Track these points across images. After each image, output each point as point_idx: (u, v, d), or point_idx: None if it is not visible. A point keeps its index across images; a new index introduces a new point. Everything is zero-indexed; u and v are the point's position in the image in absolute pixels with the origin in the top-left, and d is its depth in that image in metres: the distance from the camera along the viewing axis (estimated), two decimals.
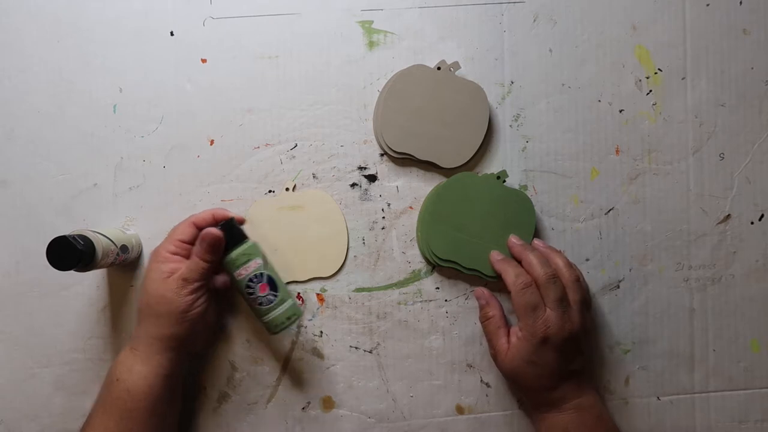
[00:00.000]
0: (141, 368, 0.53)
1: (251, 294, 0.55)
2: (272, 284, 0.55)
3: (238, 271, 0.55)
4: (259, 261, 0.55)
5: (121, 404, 0.52)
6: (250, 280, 0.55)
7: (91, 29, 0.60)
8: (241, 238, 0.56)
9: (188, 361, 0.59)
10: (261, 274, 0.55)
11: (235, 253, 0.55)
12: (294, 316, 0.56)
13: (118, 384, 0.53)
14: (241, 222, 0.58)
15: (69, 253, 0.49)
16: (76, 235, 0.50)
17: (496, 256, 0.59)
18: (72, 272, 0.51)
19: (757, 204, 0.64)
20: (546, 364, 0.54)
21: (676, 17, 0.63)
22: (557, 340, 0.54)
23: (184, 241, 0.55)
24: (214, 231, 0.54)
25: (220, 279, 0.59)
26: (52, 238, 0.49)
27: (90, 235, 0.51)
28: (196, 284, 0.53)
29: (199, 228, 0.56)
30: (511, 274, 0.56)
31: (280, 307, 0.55)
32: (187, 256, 0.55)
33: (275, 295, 0.55)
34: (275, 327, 0.55)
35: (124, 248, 0.56)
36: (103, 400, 0.53)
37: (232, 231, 0.55)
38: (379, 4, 0.61)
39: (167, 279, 0.53)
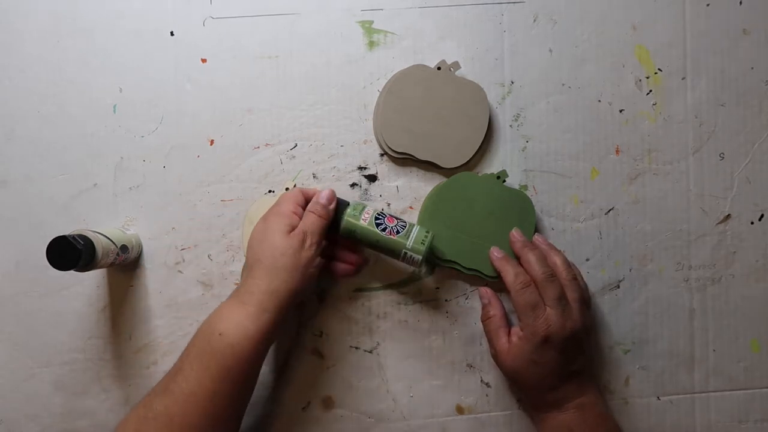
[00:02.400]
0: (249, 325, 0.51)
1: (384, 229, 0.56)
2: (394, 216, 0.57)
3: (362, 217, 0.56)
4: (371, 207, 0.57)
5: (221, 360, 0.50)
6: (377, 217, 0.56)
7: (91, 29, 0.60)
8: (345, 202, 0.57)
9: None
10: (381, 210, 0.58)
11: (349, 208, 0.56)
12: (429, 233, 0.56)
13: (221, 338, 0.50)
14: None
15: (69, 252, 0.49)
16: (76, 235, 0.50)
17: (496, 253, 0.59)
18: (72, 272, 0.51)
19: (757, 204, 0.64)
20: (547, 363, 0.54)
21: (676, 17, 0.63)
22: (558, 339, 0.54)
23: (300, 204, 0.56)
24: (330, 190, 0.57)
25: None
26: (52, 238, 0.49)
27: (90, 235, 0.51)
28: (317, 239, 0.54)
29: (307, 197, 0.57)
30: (510, 273, 0.56)
31: (413, 231, 0.56)
32: (298, 216, 0.56)
33: (404, 222, 0.57)
34: (417, 251, 0.55)
35: (124, 248, 0.56)
36: (200, 352, 0.50)
37: (336, 200, 0.57)
38: (379, 4, 0.61)
39: (289, 233, 0.53)
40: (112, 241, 0.54)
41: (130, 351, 0.60)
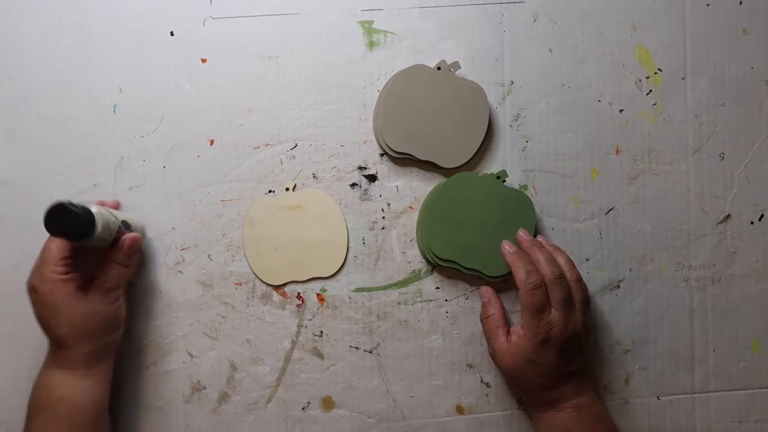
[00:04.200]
0: (84, 383, 0.53)
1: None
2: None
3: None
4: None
5: (69, 421, 0.52)
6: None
7: (91, 29, 0.60)
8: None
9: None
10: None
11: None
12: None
13: (63, 403, 0.52)
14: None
15: (68, 218, 0.47)
16: (73, 203, 0.49)
17: (508, 247, 0.58)
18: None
19: (757, 204, 0.64)
20: (546, 363, 0.54)
21: (676, 17, 0.63)
22: (559, 341, 0.54)
23: (67, 257, 0.53)
24: (134, 235, 0.55)
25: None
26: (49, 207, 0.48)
27: (87, 205, 0.50)
28: (121, 290, 0.54)
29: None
30: (521, 270, 0.55)
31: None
32: (72, 272, 0.53)
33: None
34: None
35: (125, 224, 0.55)
36: (44, 423, 0.52)
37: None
38: (379, 4, 0.61)
39: (88, 294, 0.53)
40: (112, 213, 0.54)
41: (130, 351, 0.60)
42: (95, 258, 0.54)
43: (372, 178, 0.62)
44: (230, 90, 0.61)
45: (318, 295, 0.62)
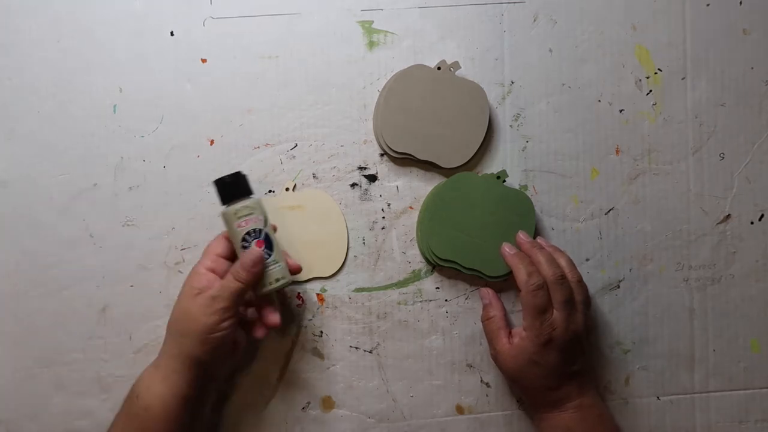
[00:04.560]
0: (159, 387, 0.51)
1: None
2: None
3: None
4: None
5: (138, 422, 0.51)
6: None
7: (91, 29, 0.60)
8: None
9: (212, 387, 0.57)
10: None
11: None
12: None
13: (138, 401, 0.52)
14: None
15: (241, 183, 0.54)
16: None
17: (508, 249, 0.58)
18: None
19: (757, 204, 0.64)
20: (548, 364, 0.54)
21: (676, 17, 0.63)
22: (561, 341, 0.54)
23: (220, 255, 0.54)
24: (256, 250, 0.52)
25: (251, 311, 0.57)
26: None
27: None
28: (225, 304, 0.50)
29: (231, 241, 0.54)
30: (523, 272, 0.55)
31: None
32: (224, 273, 0.53)
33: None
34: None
35: (266, 236, 0.54)
36: (123, 414, 0.53)
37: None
38: (379, 4, 0.61)
39: (197, 296, 0.51)
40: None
41: (130, 351, 0.60)
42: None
43: (372, 178, 0.62)
44: (230, 90, 0.61)
45: (318, 295, 0.62)
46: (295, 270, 0.56)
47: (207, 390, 0.55)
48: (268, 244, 0.54)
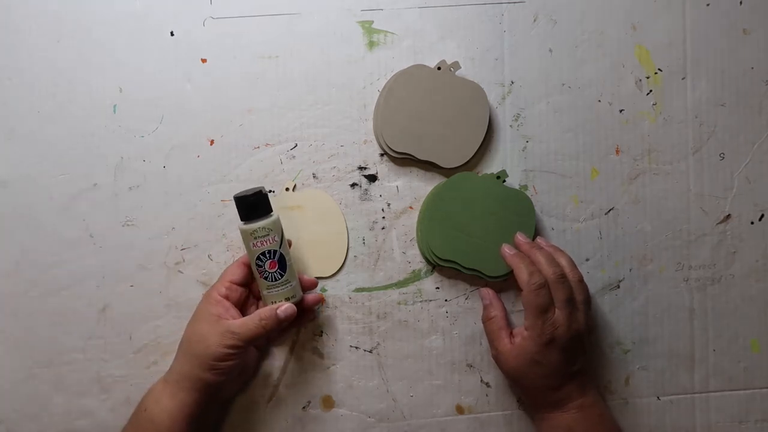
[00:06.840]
0: (167, 402, 0.52)
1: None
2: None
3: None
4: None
5: None
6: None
7: (91, 29, 0.60)
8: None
9: (219, 408, 0.59)
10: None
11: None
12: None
13: (145, 414, 0.53)
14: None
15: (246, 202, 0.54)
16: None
17: (508, 250, 0.58)
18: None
19: (757, 204, 0.64)
20: (550, 363, 0.54)
21: (676, 17, 0.63)
22: (563, 341, 0.54)
23: (235, 282, 0.55)
24: (292, 310, 0.54)
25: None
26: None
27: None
28: (241, 343, 0.52)
29: (249, 266, 0.56)
30: (524, 271, 0.55)
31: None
32: (238, 300, 0.55)
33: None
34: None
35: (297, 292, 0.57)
36: (131, 425, 0.54)
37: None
38: (379, 4, 0.61)
39: (216, 321, 0.52)
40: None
41: (130, 351, 0.60)
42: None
43: (372, 178, 0.62)
44: (230, 90, 0.61)
45: (318, 294, 0.62)
46: (311, 286, 0.58)
47: (214, 407, 0.56)
48: (282, 264, 0.55)
